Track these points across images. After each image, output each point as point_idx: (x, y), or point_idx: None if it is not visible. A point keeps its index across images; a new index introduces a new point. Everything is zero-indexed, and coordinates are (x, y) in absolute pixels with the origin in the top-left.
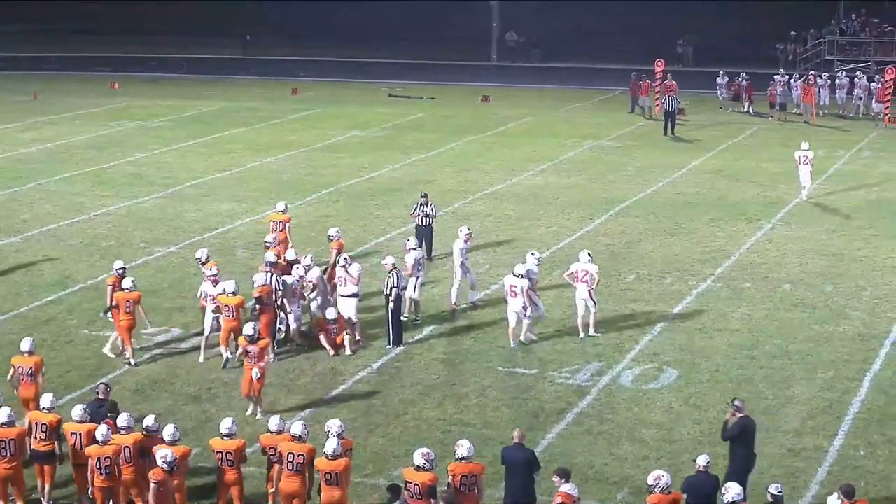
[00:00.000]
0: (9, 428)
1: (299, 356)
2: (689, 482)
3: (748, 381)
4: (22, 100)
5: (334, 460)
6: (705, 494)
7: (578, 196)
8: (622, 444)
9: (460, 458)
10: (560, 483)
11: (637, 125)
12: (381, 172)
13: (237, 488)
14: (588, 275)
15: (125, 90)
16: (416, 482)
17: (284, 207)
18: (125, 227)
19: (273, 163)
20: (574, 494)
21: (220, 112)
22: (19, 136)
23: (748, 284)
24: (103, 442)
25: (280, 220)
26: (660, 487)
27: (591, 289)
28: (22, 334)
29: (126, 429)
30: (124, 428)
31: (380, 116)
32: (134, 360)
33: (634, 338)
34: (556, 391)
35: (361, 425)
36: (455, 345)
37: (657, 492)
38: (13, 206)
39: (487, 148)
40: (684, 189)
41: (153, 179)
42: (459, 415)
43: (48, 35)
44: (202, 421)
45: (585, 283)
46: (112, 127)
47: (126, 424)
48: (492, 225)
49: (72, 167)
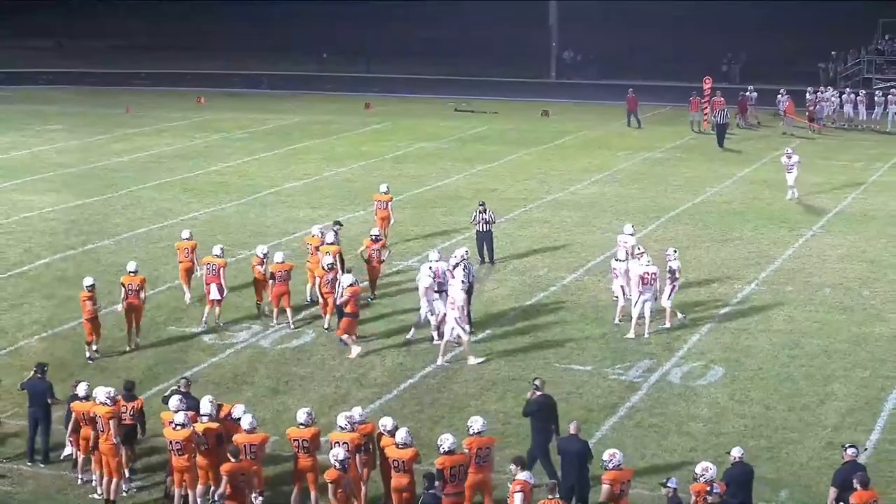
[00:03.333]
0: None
1: (370, 351)
2: (730, 473)
3: (789, 379)
4: (114, 113)
5: (403, 449)
6: (745, 482)
7: (631, 204)
8: (671, 436)
9: (476, 432)
10: (517, 471)
11: (686, 138)
12: (447, 182)
13: (312, 475)
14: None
15: (210, 104)
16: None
17: (387, 188)
18: (209, 231)
19: (346, 172)
20: (531, 482)
21: (298, 125)
22: (112, 146)
23: (790, 288)
24: (179, 426)
25: (384, 199)
26: (705, 478)
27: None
28: (114, 331)
29: (208, 416)
30: (206, 415)
31: (446, 129)
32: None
33: (683, 337)
34: (609, 387)
35: (427, 417)
36: (514, 343)
37: (701, 481)
38: (106, 212)
39: (546, 159)
40: (730, 198)
41: (235, 187)
42: (518, 408)
43: (138, 52)
44: (280, 411)
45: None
46: (197, 138)
47: (208, 412)
48: (550, 231)
49: (160, 176)
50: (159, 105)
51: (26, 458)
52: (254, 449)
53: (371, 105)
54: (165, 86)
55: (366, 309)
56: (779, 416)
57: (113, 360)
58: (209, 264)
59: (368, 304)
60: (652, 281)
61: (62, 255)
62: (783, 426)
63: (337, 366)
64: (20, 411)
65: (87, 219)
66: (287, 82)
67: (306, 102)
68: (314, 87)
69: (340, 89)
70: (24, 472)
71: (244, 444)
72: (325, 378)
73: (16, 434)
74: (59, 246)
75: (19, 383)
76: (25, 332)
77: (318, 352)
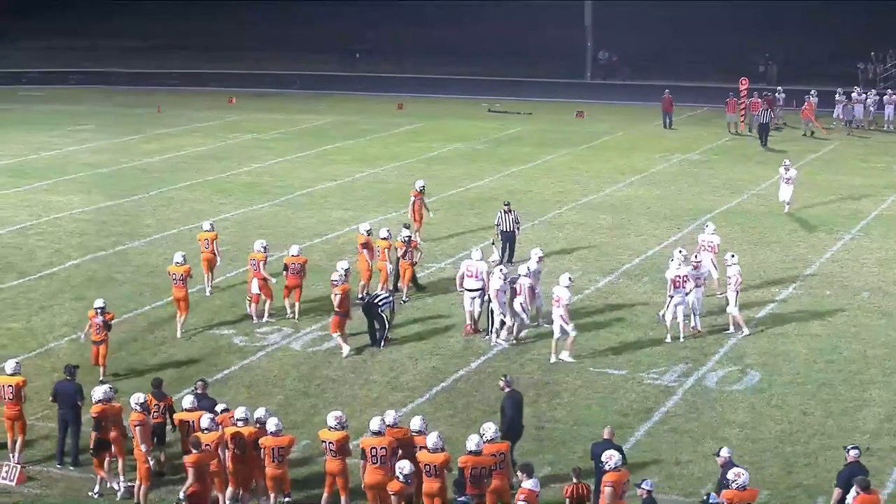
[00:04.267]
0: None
1: (401, 353)
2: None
3: (827, 384)
4: (146, 113)
5: (434, 454)
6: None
7: (667, 207)
8: (706, 442)
9: (489, 439)
10: (523, 478)
11: (723, 140)
12: (481, 183)
13: (341, 478)
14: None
15: (241, 105)
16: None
17: (423, 185)
18: (241, 232)
19: (379, 173)
20: (536, 490)
21: (330, 125)
22: (143, 146)
23: (828, 292)
24: (207, 430)
25: (420, 198)
26: (737, 484)
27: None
28: (143, 333)
29: (243, 420)
30: (241, 420)
31: (479, 130)
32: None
33: (719, 341)
34: (645, 391)
35: (460, 420)
36: (548, 346)
37: (734, 488)
38: (138, 213)
39: (581, 161)
40: (767, 201)
41: (267, 188)
42: (552, 412)
43: (170, 52)
44: (311, 414)
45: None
46: (229, 139)
47: (243, 416)
48: (584, 233)
49: (192, 176)
50: (191, 105)
51: (56, 461)
52: (281, 451)
53: (404, 106)
54: (197, 86)
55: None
56: (816, 421)
57: (143, 361)
58: (252, 260)
59: (402, 305)
60: (683, 284)
61: (92, 256)
62: (820, 432)
63: (369, 368)
64: (50, 413)
65: (117, 219)
66: (319, 82)
67: (339, 103)
68: (347, 88)
69: (373, 90)
70: (53, 475)
71: (271, 447)
72: (357, 381)
73: (45, 436)
74: (89, 247)
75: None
76: (56, 334)
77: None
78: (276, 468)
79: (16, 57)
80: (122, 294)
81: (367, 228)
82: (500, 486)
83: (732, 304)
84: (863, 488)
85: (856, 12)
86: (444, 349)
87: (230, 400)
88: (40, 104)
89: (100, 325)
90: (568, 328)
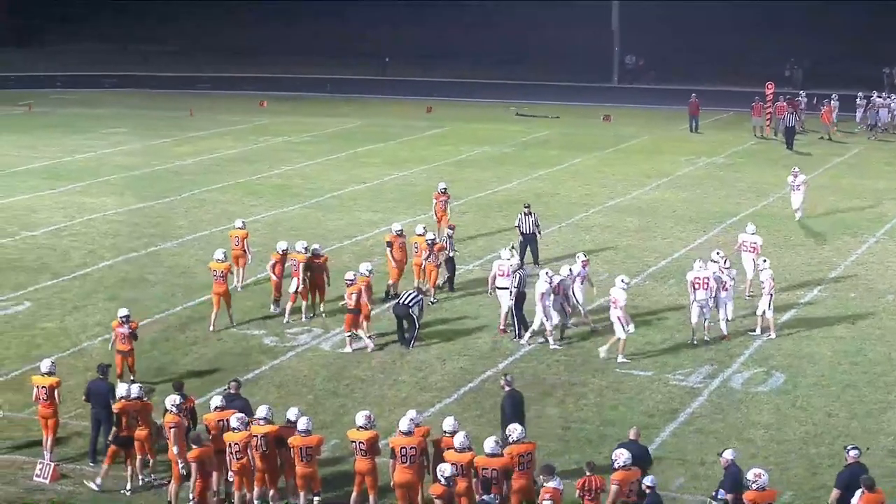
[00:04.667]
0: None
1: (429, 354)
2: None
3: (852, 386)
4: (178, 116)
5: (462, 453)
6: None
7: (693, 210)
8: (731, 443)
9: (515, 440)
10: (547, 479)
11: (748, 143)
12: (508, 186)
13: (370, 478)
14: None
15: (272, 108)
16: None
17: (445, 186)
18: (272, 234)
19: (408, 176)
20: (560, 488)
21: (360, 129)
22: (176, 149)
23: (853, 295)
24: (237, 429)
25: (442, 199)
26: (757, 485)
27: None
28: (174, 333)
29: (264, 419)
30: (263, 419)
31: (507, 134)
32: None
33: (745, 343)
34: (670, 392)
35: (487, 421)
36: (575, 347)
37: (754, 488)
38: (170, 214)
39: (608, 164)
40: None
41: (297, 191)
42: (578, 413)
43: (202, 56)
44: (340, 414)
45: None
46: (260, 142)
47: (265, 415)
48: (610, 236)
49: (223, 178)
50: (222, 108)
51: (89, 459)
52: (309, 451)
53: (433, 109)
54: (228, 89)
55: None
56: (841, 423)
57: (175, 360)
58: (292, 260)
59: (430, 306)
60: (704, 285)
61: (125, 257)
62: (845, 434)
63: (397, 369)
64: (83, 412)
65: (150, 221)
66: (350, 86)
67: (369, 106)
68: (377, 91)
69: (402, 93)
70: (86, 473)
71: (299, 447)
72: (386, 381)
73: (78, 434)
74: (122, 248)
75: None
76: (89, 334)
77: (377, 354)
78: (306, 467)
79: (49, 60)
80: (154, 294)
81: (398, 229)
82: (524, 486)
83: (767, 308)
84: (868, 487)
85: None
86: (473, 350)
87: (260, 399)
88: (74, 107)
89: (125, 335)
90: (628, 328)
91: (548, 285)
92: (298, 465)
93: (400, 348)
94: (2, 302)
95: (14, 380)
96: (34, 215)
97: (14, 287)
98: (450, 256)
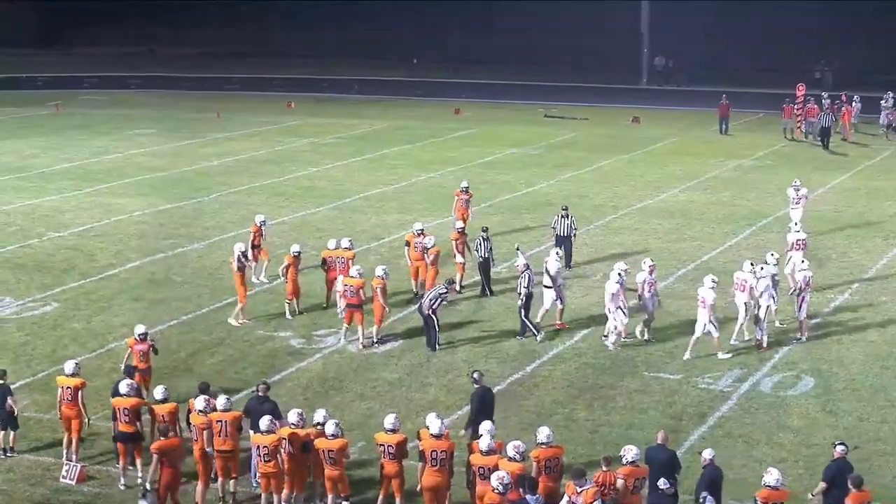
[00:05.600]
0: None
1: (456, 357)
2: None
3: (882, 390)
4: (205, 117)
5: (488, 456)
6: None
7: (722, 212)
8: (760, 447)
9: (541, 443)
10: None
11: (778, 146)
12: (536, 188)
13: (398, 481)
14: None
15: (299, 109)
16: (508, 471)
17: (467, 184)
18: (298, 235)
19: (435, 178)
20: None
21: (387, 130)
22: (202, 150)
23: (884, 298)
24: (266, 432)
25: (464, 198)
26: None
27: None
28: (200, 335)
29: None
30: (294, 423)
31: (535, 135)
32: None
33: (775, 347)
34: (699, 396)
35: (514, 424)
36: (604, 350)
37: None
38: (197, 215)
39: (636, 166)
40: (823, 207)
41: (324, 192)
42: (607, 416)
43: (229, 58)
44: (367, 416)
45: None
46: (287, 143)
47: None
48: (639, 238)
49: (250, 180)
50: (249, 110)
51: (115, 460)
52: (332, 455)
53: (460, 111)
54: (256, 91)
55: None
56: (871, 427)
57: (202, 361)
58: (339, 258)
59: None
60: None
61: (151, 258)
62: (875, 437)
63: (424, 371)
64: (109, 413)
65: (176, 222)
66: (377, 87)
67: (396, 108)
68: (404, 93)
69: (430, 95)
70: (112, 474)
71: (323, 450)
72: (413, 383)
73: (105, 436)
74: (148, 249)
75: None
76: (115, 335)
77: (405, 357)
78: (333, 469)
79: (77, 62)
80: (180, 295)
81: (419, 228)
82: (549, 489)
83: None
84: (856, 486)
85: None
86: (500, 353)
87: (287, 402)
88: (101, 108)
89: (144, 352)
90: (714, 328)
91: (619, 286)
92: (326, 468)
93: (427, 351)
94: (29, 303)
95: (41, 380)
96: (61, 216)
97: (41, 288)
98: (485, 258)
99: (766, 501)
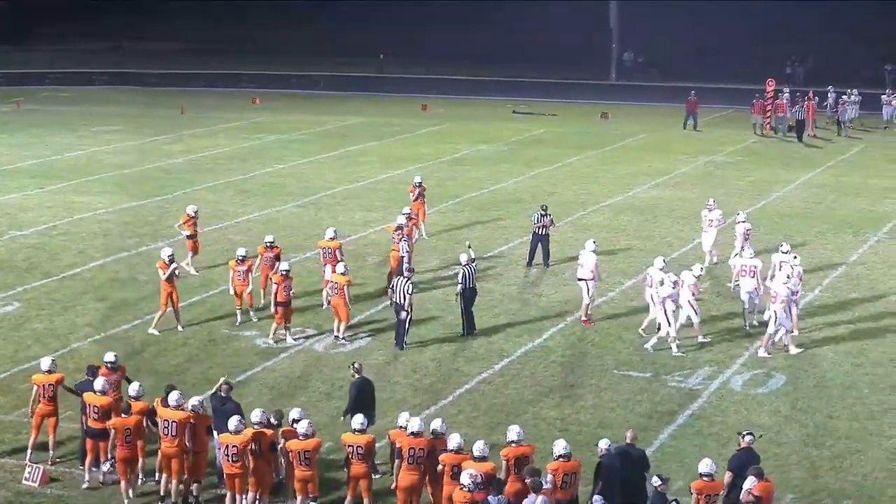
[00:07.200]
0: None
1: (424, 355)
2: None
3: (853, 387)
4: (170, 114)
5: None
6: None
7: (692, 209)
8: (731, 445)
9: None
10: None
11: (749, 142)
12: (505, 185)
13: (365, 481)
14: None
15: (266, 106)
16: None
17: (420, 180)
18: (264, 233)
19: (403, 175)
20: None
21: (354, 127)
22: (167, 147)
23: (854, 294)
24: (234, 432)
25: (416, 192)
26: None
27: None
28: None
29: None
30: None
31: (504, 132)
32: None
33: (744, 345)
34: (669, 394)
35: (483, 423)
36: (573, 349)
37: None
38: (161, 214)
39: (605, 163)
40: (793, 203)
41: (291, 189)
42: (576, 415)
43: (195, 54)
44: (334, 416)
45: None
46: (253, 140)
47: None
48: (608, 235)
49: (215, 177)
50: (215, 106)
51: (78, 462)
52: (307, 455)
53: (428, 107)
54: (221, 87)
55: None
56: (842, 425)
57: (166, 361)
58: (325, 248)
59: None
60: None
61: (115, 257)
62: (846, 435)
63: (392, 370)
64: (73, 414)
65: (141, 220)
66: (344, 83)
67: (363, 104)
68: (371, 89)
69: (398, 91)
70: (75, 476)
71: (297, 451)
72: (380, 383)
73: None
74: (112, 248)
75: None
76: (78, 335)
77: (372, 355)
78: (305, 470)
79: (40, 57)
80: (145, 294)
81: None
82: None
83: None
84: (758, 476)
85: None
86: (468, 351)
87: (252, 402)
88: (64, 105)
89: (117, 381)
90: (788, 323)
91: (671, 289)
92: (297, 469)
93: (395, 349)
94: None
95: (3, 382)
96: (23, 215)
97: (2, 288)
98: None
99: (701, 492)
